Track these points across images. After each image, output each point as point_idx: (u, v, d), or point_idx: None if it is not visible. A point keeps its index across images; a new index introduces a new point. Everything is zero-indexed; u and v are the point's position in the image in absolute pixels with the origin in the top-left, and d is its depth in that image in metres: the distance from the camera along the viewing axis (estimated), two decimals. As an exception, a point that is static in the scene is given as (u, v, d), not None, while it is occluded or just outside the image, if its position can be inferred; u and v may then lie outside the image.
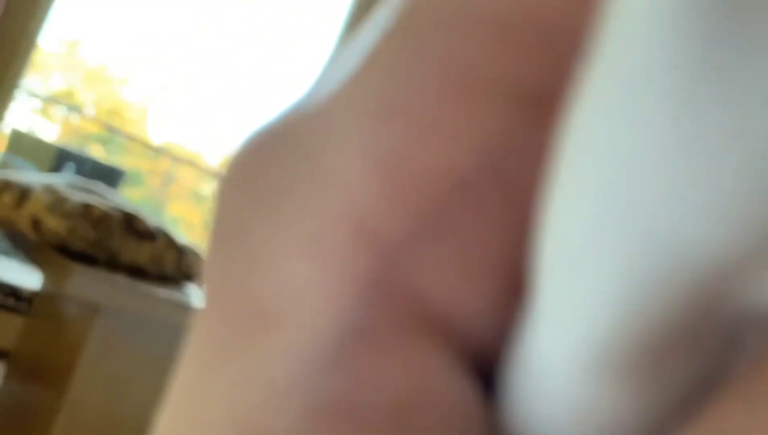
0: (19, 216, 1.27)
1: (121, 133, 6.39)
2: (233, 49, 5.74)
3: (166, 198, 5.52)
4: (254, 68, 5.78)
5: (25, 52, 2.49)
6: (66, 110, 6.42)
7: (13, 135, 2.60)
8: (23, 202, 1.28)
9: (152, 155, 6.84)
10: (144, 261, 1.41)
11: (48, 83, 6.56)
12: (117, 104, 6.77)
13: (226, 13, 5.44)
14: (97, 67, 6.67)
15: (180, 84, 6.73)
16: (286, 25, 5.05)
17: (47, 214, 1.25)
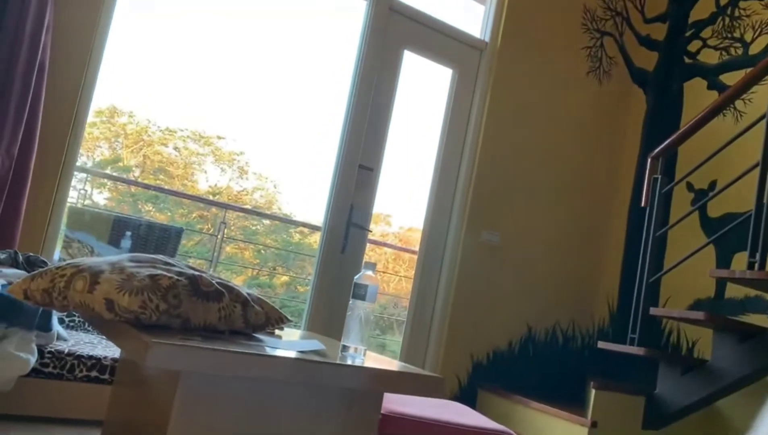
0: (93, 299, 1.33)
1: (168, 190, 6.56)
2: (261, 96, 5.82)
3: (221, 241, 5.66)
4: (283, 114, 5.84)
5: (76, 135, 2.60)
6: (114, 176, 6.64)
7: (71, 212, 2.71)
8: (95, 285, 1.34)
9: (201, 205, 6.99)
10: (214, 320, 1.45)
11: (94, 153, 6.80)
12: (161, 162, 6.99)
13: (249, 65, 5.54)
14: (137, 129, 6.90)
15: (219, 133, 6.89)
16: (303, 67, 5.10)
17: (119, 294, 1.31)
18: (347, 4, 3.42)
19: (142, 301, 1.31)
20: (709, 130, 3.16)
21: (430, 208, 3.55)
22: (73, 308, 1.41)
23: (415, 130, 3.79)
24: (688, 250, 2.96)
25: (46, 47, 2.39)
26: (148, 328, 1.31)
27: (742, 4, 3.66)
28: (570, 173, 3.92)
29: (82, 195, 4.28)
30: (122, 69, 4.86)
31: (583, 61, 3.96)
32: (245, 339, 1.48)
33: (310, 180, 5.91)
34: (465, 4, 3.97)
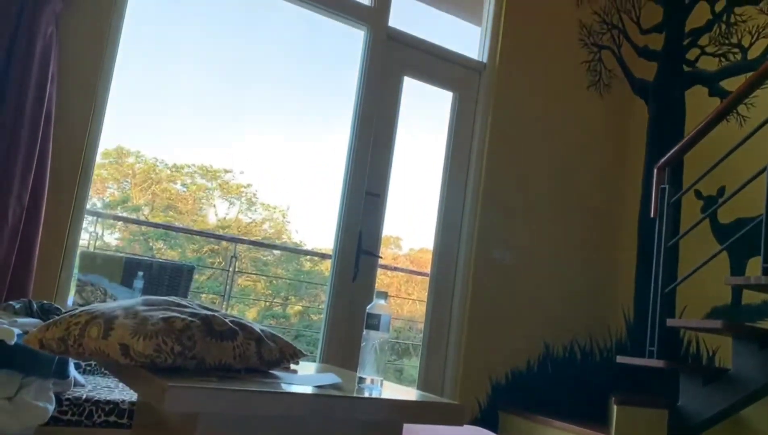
0: (108, 345, 1.33)
1: (178, 228, 6.59)
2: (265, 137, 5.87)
3: (233, 274, 5.67)
4: (288, 144, 5.89)
5: (85, 179, 2.63)
6: (124, 217, 6.69)
7: (83, 256, 2.74)
8: (109, 331, 1.34)
9: (212, 239, 7.01)
10: (229, 359, 1.45)
11: (104, 194, 6.86)
12: (170, 199, 7.04)
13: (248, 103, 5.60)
14: (145, 168, 6.97)
15: (225, 167, 6.95)
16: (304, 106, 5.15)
17: (133, 339, 1.31)
18: (346, 32, 3.46)
19: (156, 344, 1.32)
20: (714, 137, 3.15)
21: (439, 230, 3.55)
22: (88, 355, 1.41)
23: (420, 153, 3.81)
24: (701, 257, 2.94)
25: (52, 97, 2.43)
26: (163, 371, 1.31)
27: (738, 10, 3.68)
28: (577, 187, 3.92)
29: (93, 237, 4.31)
30: (128, 109, 4.93)
31: (582, 76, 3.98)
32: (261, 376, 1.47)
33: (318, 207, 5.93)
34: (461, 27, 4.01)
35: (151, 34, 4.70)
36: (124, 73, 2.92)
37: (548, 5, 3.87)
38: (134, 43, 3.16)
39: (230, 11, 4.84)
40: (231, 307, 6.03)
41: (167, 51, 5.26)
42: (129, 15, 2.80)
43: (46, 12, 2.38)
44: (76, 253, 2.66)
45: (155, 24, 4.79)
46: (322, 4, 3.28)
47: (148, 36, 4.64)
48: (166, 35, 5.10)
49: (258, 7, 4.49)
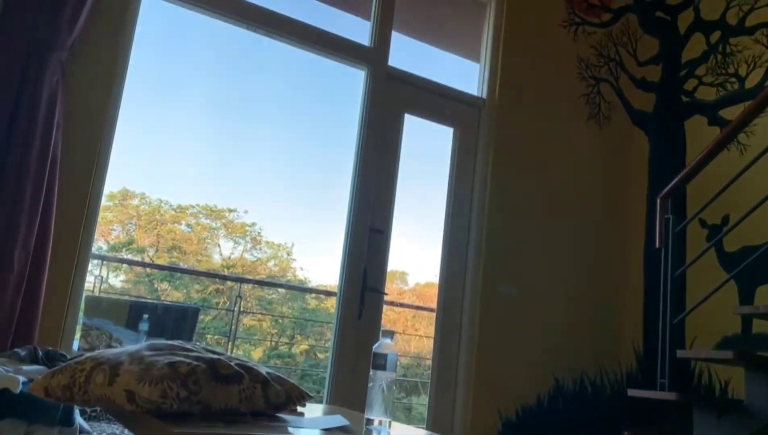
0: (114, 392, 1.32)
1: (182, 269, 6.59)
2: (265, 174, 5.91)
3: (238, 314, 5.65)
4: (292, 182, 5.92)
5: (90, 223, 2.65)
6: (129, 260, 6.69)
7: (88, 301, 2.73)
8: (115, 378, 1.33)
9: (217, 279, 7.00)
10: (235, 403, 1.44)
11: (109, 237, 6.88)
12: (174, 240, 7.06)
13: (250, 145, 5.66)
14: (149, 210, 7.01)
15: (230, 206, 6.98)
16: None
17: (139, 385, 1.30)
18: (347, 70, 3.51)
19: (162, 390, 1.31)
20: (715, 165, 3.16)
21: (444, 265, 3.54)
22: (94, 402, 1.40)
23: (423, 188, 3.82)
24: (708, 287, 2.92)
25: (58, 143, 2.46)
26: (169, 416, 1.30)
27: (733, 40, 3.73)
28: (581, 219, 3.92)
29: (98, 280, 4.31)
30: (132, 151, 4.97)
31: (581, 108, 4.02)
32: (268, 420, 1.46)
33: (322, 244, 5.93)
34: (460, 64, 4.07)
35: (154, 76, 4.78)
36: (129, 115, 2.96)
37: (545, 40, 3.93)
38: (138, 85, 3.21)
39: (233, 52, 4.92)
40: (237, 347, 5.99)
41: (171, 92, 5.33)
42: (133, 57, 2.85)
43: (52, 61, 2.42)
44: (82, 297, 2.66)
45: (158, 66, 4.86)
46: (323, 46, 3.34)
47: (152, 78, 4.71)
48: (169, 77, 5.18)
49: (260, 49, 4.56)
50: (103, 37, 2.71)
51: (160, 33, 4.20)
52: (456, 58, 4.15)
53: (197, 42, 4.87)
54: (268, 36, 3.27)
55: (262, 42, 3.42)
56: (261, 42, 3.43)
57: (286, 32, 3.25)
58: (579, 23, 4.06)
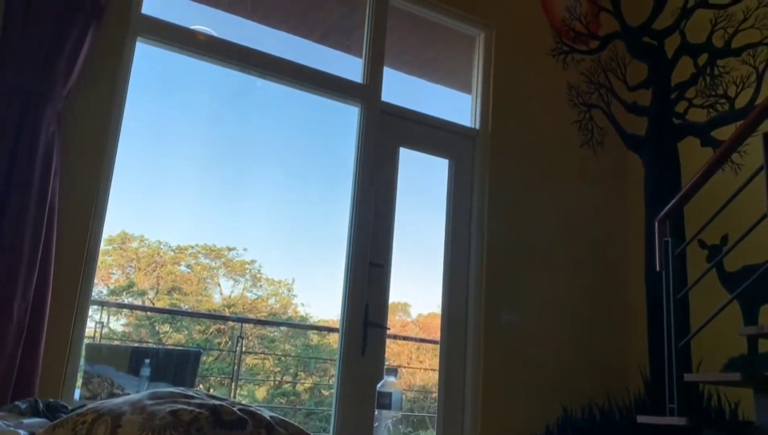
0: (116, 444, 1.30)
1: (183, 311, 6.57)
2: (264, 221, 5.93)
3: (240, 354, 5.60)
4: (290, 218, 5.94)
5: (89, 269, 2.64)
6: (129, 305, 6.67)
7: (89, 348, 2.71)
8: (116, 429, 1.32)
9: (218, 320, 6.96)
10: (239, 450, 1.42)
11: (108, 281, 6.87)
12: (174, 281, 7.04)
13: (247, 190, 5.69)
14: (149, 252, 7.00)
15: (228, 245, 6.98)
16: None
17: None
18: (341, 107, 3.54)
19: (164, 440, 1.29)
20: (711, 185, 3.18)
21: (446, 295, 3.52)
22: (96, 455, 1.38)
23: (421, 219, 3.83)
24: (711, 307, 2.90)
25: (55, 192, 2.47)
26: (173, 467, 1.28)
27: (720, 62, 3.78)
28: (580, 245, 3.92)
29: (99, 326, 4.29)
30: (130, 194, 4.99)
31: (575, 135, 4.05)
32: (273, 466, 1.43)
33: (323, 279, 5.92)
34: (452, 96, 4.12)
35: (150, 120, 4.82)
36: (126, 158, 2.97)
37: (535, 69, 3.98)
38: (135, 128, 3.23)
39: (227, 94, 4.97)
40: (240, 387, 5.92)
41: (167, 134, 5.37)
42: (129, 101, 2.88)
43: (48, 111, 2.45)
44: (82, 345, 2.64)
45: (154, 109, 4.91)
46: (316, 85, 3.38)
47: (148, 121, 4.76)
48: (165, 119, 5.22)
49: (254, 89, 4.62)
50: (99, 85, 2.74)
51: (155, 78, 4.25)
52: (448, 91, 4.20)
53: (192, 85, 4.92)
54: (262, 77, 3.31)
55: (256, 83, 3.46)
56: (255, 83, 3.47)
57: (279, 73, 3.29)
58: (567, 51, 4.12)
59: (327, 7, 3.70)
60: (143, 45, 2.96)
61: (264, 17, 3.53)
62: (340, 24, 3.76)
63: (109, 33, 2.78)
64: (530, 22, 4.02)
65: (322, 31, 3.74)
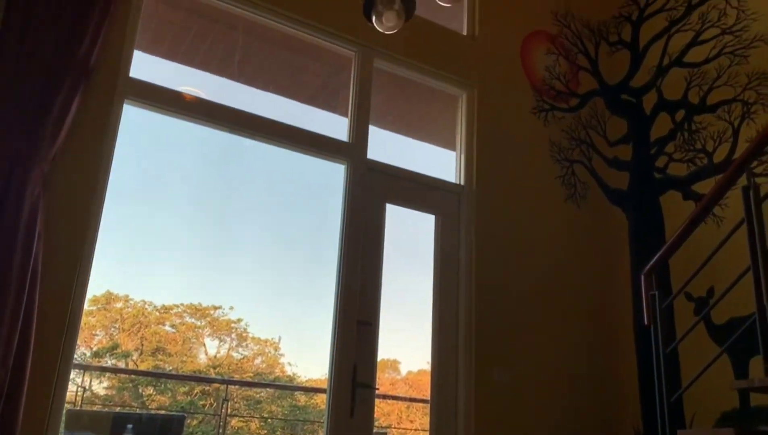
0: None
1: (167, 374, 6.43)
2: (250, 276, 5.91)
3: (225, 417, 5.46)
4: (277, 276, 5.91)
5: (72, 333, 2.59)
6: (111, 368, 6.52)
7: (69, 415, 2.64)
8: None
9: (203, 382, 6.82)
10: None
11: (92, 342, 6.73)
12: (159, 342, 6.91)
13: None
14: (133, 312, 6.90)
15: (214, 303, 6.90)
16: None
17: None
18: (327, 165, 3.57)
19: None
20: (694, 237, 3.21)
21: (435, 352, 3.48)
22: None
23: (409, 275, 3.82)
24: (701, 360, 2.89)
25: (38, 255, 2.45)
26: None
27: (697, 118, 3.88)
28: (569, 300, 3.91)
29: (80, 390, 4.18)
30: (116, 254, 4.95)
31: (558, 190, 4.10)
32: None
33: (310, 337, 5.84)
34: (437, 153, 4.18)
35: (137, 180, 4.83)
36: (112, 218, 2.96)
37: (517, 126, 4.06)
38: (122, 188, 3.24)
39: (214, 154, 5.01)
40: (225, 451, 5.76)
41: (154, 194, 5.38)
42: (116, 161, 2.88)
43: (33, 174, 2.45)
44: (62, 412, 2.56)
45: (141, 170, 4.93)
46: (303, 144, 3.42)
47: (135, 181, 4.77)
48: (152, 180, 5.24)
49: (241, 149, 4.66)
50: (86, 146, 2.75)
51: (143, 138, 4.29)
52: (433, 148, 4.26)
53: (179, 144, 4.96)
54: (250, 138, 3.35)
55: (244, 143, 3.50)
56: (242, 142, 3.51)
57: (267, 133, 3.33)
58: (548, 109, 4.21)
59: (313, 69, 3.78)
60: (131, 107, 3.00)
61: (251, 79, 3.60)
62: (326, 85, 3.84)
63: (96, 95, 2.82)
64: (511, 82, 4.12)
65: (308, 91, 3.81)
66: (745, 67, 3.68)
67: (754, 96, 3.60)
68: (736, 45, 3.75)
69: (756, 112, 3.57)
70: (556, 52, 4.35)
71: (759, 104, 3.56)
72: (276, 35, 3.60)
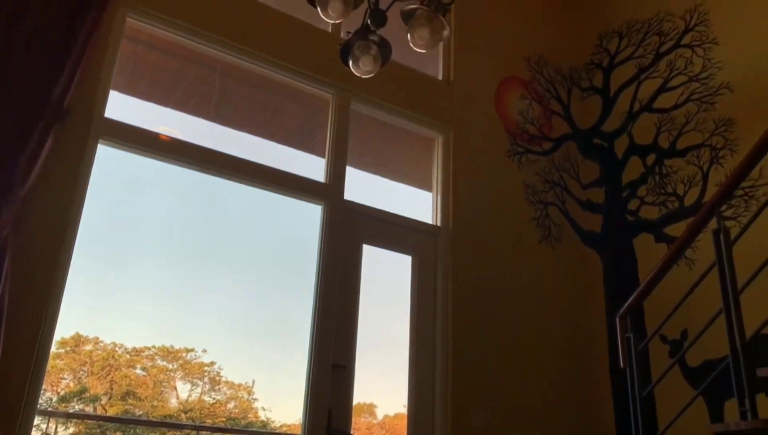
0: None
1: (135, 420, 6.24)
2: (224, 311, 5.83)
3: (197, 464, 5.28)
4: (250, 318, 5.83)
5: (37, 379, 2.51)
6: (78, 414, 6.32)
7: (32, 464, 2.53)
8: None
9: (173, 428, 6.63)
10: None
11: (58, 386, 6.53)
12: (129, 386, 6.72)
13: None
14: (103, 355, 6.72)
15: (187, 346, 6.75)
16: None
17: None
18: (304, 206, 3.56)
19: None
20: (667, 279, 3.24)
21: (412, 395, 3.43)
22: None
23: (385, 317, 3.79)
24: (677, 403, 2.88)
25: (4, 296, 2.38)
26: None
27: (668, 162, 3.96)
28: (545, 342, 3.91)
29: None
30: (86, 295, 4.83)
31: (533, 232, 4.13)
32: None
33: (285, 381, 5.72)
34: (414, 193, 4.20)
35: (110, 219, 4.76)
36: (83, 259, 2.91)
37: (492, 169, 4.11)
38: (93, 228, 3.18)
39: (188, 194, 4.98)
40: (196, 500, 5.56)
41: (126, 234, 5.30)
42: (89, 200, 2.84)
43: (3, 215, 2.40)
44: (23, 460, 2.46)
45: (113, 209, 4.87)
46: (280, 185, 3.42)
47: (107, 221, 4.70)
48: (124, 219, 5.17)
49: (216, 189, 4.64)
50: (58, 186, 2.72)
51: (117, 178, 4.25)
52: (410, 189, 4.29)
53: (154, 186, 4.92)
54: (226, 178, 3.34)
55: (219, 183, 3.48)
56: (218, 183, 3.49)
57: (243, 174, 3.33)
58: (522, 152, 4.28)
59: (290, 110, 3.81)
60: (105, 147, 2.97)
61: (228, 120, 3.61)
62: (303, 126, 3.86)
63: (71, 136, 2.80)
64: (486, 125, 4.19)
65: (285, 132, 3.83)
66: (712, 113, 3.79)
67: (721, 141, 3.69)
68: (703, 92, 3.87)
69: (724, 157, 3.66)
70: (529, 97, 4.44)
71: (726, 149, 3.66)
72: (253, 76, 3.62)
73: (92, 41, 2.83)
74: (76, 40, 2.72)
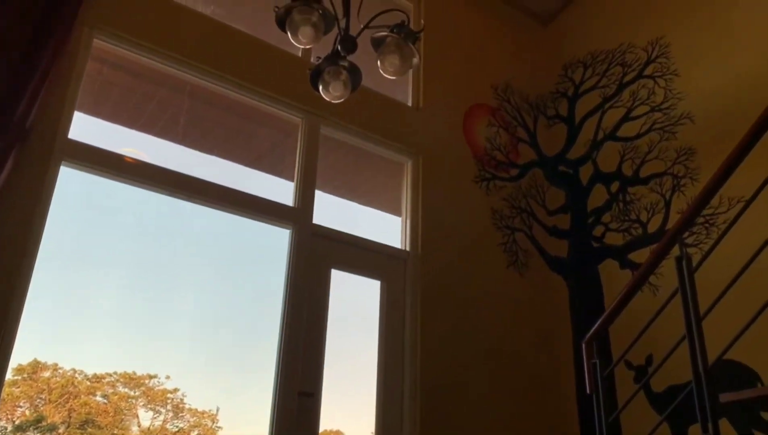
0: None
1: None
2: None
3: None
4: (215, 343, 5.73)
5: (-18, 410, 2.41)
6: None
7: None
8: None
9: (133, 455, 6.43)
10: None
11: (14, 415, 6.29)
12: (89, 414, 6.51)
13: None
14: (62, 382, 6.50)
15: (150, 372, 6.58)
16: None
17: None
18: (271, 230, 3.53)
19: None
20: (632, 305, 3.28)
21: (380, 421, 3.39)
22: None
23: (353, 342, 3.75)
24: (643, 428, 2.90)
25: (-42, 322, 2.30)
26: None
27: (631, 190, 4.04)
28: (513, 367, 3.91)
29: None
30: (45, 320, 4.70)
31: (500, 257, 4.16)
32: None
33: (250, 408, 5.61)
34: (383, 218, 4.20)
35: (71, 242, 4.65)
36: (43, 282, 2.83)
37: (460, 194, 4.14)
38: (53, 251, 3.11)
39: (152, 217, 4.90)
40: None
41: (87, 258, 5.18)
42: (49, 223, 2.78)
43: (-42, 236, 2.32)
44: (-27, 495, 2.35)
45: (75, 232, 4.76)
46: (247, 208, 3.38)
47: (68, 245, 4.59)
48: (85, 242, 5.06)
49: (181, 212, 4.57)
50: (18, 207, 2.65)
51: (79, 200, 4.17)
52: (379, 213, 4.28)
53: (117, 208, 4.84)
54: (192, 201, 3.29)
55: (184, 206, 3.44)
56: (183, 206, 3.44)
57: (210, 197, 3.29)
58: (490, 178, 4.32)
59: (259, 133, 3.79)
60: (68, 169, 2.91)
61: (196, 143, 3.57)
62: (272, 149, 3.84)
63: (32, 156, 2.74)
64: (454, 151, 4.23)
65: (254, 156, 3.80)
66: (674, 142, 3.88)
67: (683, 170, 3.79)
68: (665, 122, 3.97)
69: (685, 186, 3.75)
70: (496, 124, 4.51)
71: (687, 178, 3.75)
72: (222, 99, 3.61)
73: (57, 61, 2.78)
74: (40, 60, 2.68)
